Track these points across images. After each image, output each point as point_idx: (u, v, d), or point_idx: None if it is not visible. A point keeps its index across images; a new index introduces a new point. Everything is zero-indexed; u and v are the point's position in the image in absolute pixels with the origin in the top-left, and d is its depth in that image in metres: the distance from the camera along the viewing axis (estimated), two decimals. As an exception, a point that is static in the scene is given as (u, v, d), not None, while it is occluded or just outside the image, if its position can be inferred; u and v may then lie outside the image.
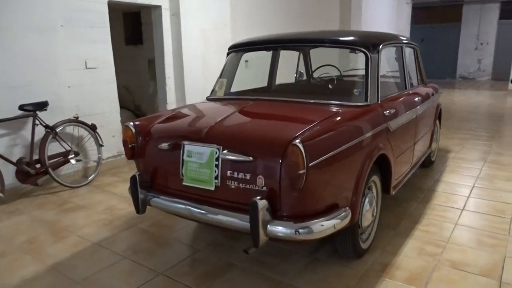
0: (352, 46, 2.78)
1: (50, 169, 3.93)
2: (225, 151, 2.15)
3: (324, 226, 2.03)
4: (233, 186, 2.15)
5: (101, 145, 4.46)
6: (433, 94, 4.17)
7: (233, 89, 3.31)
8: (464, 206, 3.52)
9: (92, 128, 4.37)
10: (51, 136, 3.97)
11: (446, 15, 16.73)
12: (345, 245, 2.49)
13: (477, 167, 4.64)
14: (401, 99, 3.16)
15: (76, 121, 4.24)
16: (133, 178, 2.45)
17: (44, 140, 3.92)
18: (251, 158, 2.07)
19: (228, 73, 3.26)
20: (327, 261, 2.68)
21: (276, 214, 2.06)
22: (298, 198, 2.02)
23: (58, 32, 4.17)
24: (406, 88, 3.38)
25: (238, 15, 6.38)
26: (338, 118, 2.32)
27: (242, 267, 2.61)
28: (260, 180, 2.06)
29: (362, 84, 2.64)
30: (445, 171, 4.51)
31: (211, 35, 5.71)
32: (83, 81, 4.47)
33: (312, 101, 2.70)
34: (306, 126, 2.15)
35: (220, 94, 3.10)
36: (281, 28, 7.52)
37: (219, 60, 5.87)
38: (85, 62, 4.45)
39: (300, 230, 2.01)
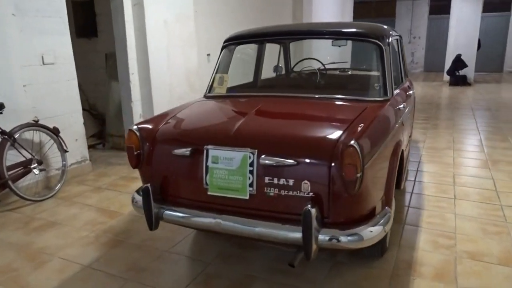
0: (366, 39, 2.66)
1: (10, 182, 3.38)
2: (263, 155, 1.92)
3: (374, 231, 1.89)
4: (272, 194, 1.93)
5: (66, 151, 3.95)
6: (411, 85, 4.24)
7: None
8: (455, 196, 3.61)
9: (55, 132, 3.84)
10: (8, 143, 3.41)
11: (382, 10, 17.58)
12: (374, 246, 2.38)
13: (449, 156, 4.83)
14: (402, 92, 3.13)
15: (36, 125, 3.69)
16: (145, 190, 2.12)
17: (1, 149, 3.35)
18: (295, 162, 1.87)
19: (225, 68, 2.99)
20: (349, 263, 2.56)
21: (322, 222, 1.88)
22: (349, 203, 1.86)
23: (9, 22, 3.58)
24: (402, 81, 3.36)
25: (199, 6, 6.03)
26: (372, 115, 2.19)
27: (265, 279, 2.41)
28: (306, 185, 1.87)
29: (379, 78, 2.54)
30: (423, 161, 4.64)
31: (174, 27, 5.32)
32: (40, 79, 3.90)
33: (330, 96, 2.54)
34: (346, 124, 2.00)
35: (221, 91, 2.83)
36: (243, 21, 7.29)
37: (183, 54, 5.52)
38: (42, 57, 3.88)
39: (349, 238, 1.86)
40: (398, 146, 2.39)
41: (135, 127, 2.28)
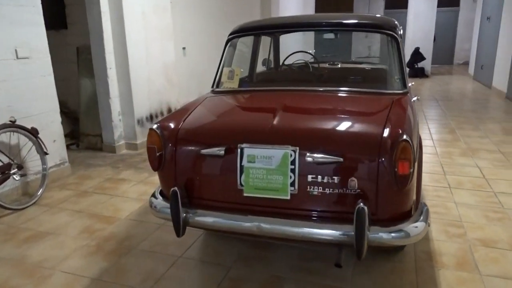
0: (383, 30, 2.62)
1: (-11, 190, 3.04)
2: (307, 153, 1.82)
3: (419, 227, 1.86)
4: (315, 193, 1.85)
5: (46, 153, 3.62)
6: None
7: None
8: (449, 185, 3.72)
9: (33, 133, 3.51)
10: (-15, 147, 3.06)
11: (339, 4, 17.91)
12: None
13: (431, 146, 5.00)
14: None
15: (13, 125, 3.34)
16: (173, 194, 1.95)
17: (-22, 154, 3.00)
18: (341, 158, 1.79)
19: (234, 61, 2.84)
20: (372, 258, 2.54)
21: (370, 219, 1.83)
22: (396, 199, 1.82)
23: (-22, 11, 3.21)
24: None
25: (174, -3, 5.77)
26: (402, 108, 2.16)
27: (293, 279, 2.33)
28: (353, 182, 1.80)
29: (397, 70, 2.52)
30: (409, 152, 4.75)
31: (151, 19, 5.05)
32: (15, 75, 3.54)
33: (352, 89, 2.48)
34: (383, 118, 1.95)
35: (233, 85, 2.68)
36: (216, 13, 7.10)
37: (161, 47, 5.26)
38: (16, 51, 3.52)
39: (396, 235, 1.82)
40: (420, 139, 2.39)
41: (155, 125, 2.10)
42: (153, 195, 2.26)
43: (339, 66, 3.71)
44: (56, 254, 2.65)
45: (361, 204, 1.71)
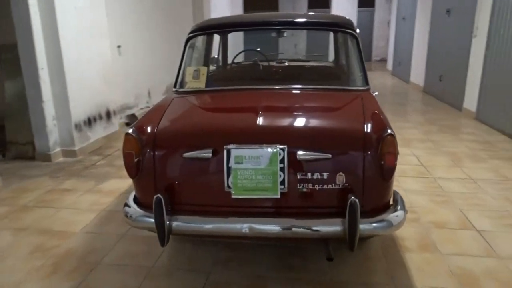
0: (344, 29, 2.71)
1: None
2: (298, 151, 1.83)
3: (399, 216, 1.97)
4: (305, 190, 1.87)
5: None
6: None
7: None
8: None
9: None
10: None
11: (265, 3, 18.24)
12: None
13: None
14: None
15: None
16: (157, 202, 1.83)
17: None
18: (329, 155, 1.83)
19: (197, 60, 2.75)
20: (341, 249, 2.60)
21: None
22: (380, 191, 1.91)
23: None
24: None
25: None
26: (373, 103, 2.27)
27: (276, 277, 2.33)
28: (341, 177, 1.85)
29: (359, 67, 2.63)
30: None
31: (85, 14, 4.69)
32: None
33: (320, 86, 2.53)
34: (361, 113, 2.03)
35: (199, 85, 2.57)
36: (152, 9, 6.81)
37: (97, 45, 4.92)
38: None
39: (380, 225, 1.91)
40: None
41: (131, 130, 1.95)
42: (126, 204, 2.11)
43: (286, 64, 3.78)
44: (8, 280, 2.35)
45: (353, 197, 1.77)
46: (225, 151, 1.87)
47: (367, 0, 17.05)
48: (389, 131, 1.84)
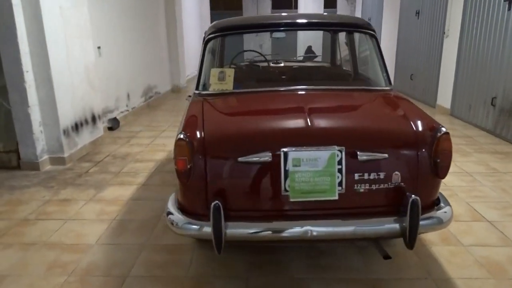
0: (364, 30, 2.74)
1: None
2: (354, 152, 1.83)
3: (447, 212, 2.02)
4: (362, 190, 1.88)
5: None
6: None
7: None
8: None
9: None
10: None
11: (229, 3, 18.17)
12: None
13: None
14: None
15: None
16: (216, 208, 1.76)
17: None
18: (386, 155, 1.85)
19: (220, 61, 2.68)
20: (367, 245, 2.66)
21: None
22: (432, 188, 1.96)
23: None
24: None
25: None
26: (407, 102, 2.32)
27: (313, 278, 2.33)
28: (396, 176, 1.88)
29: (382, 68, 2.68)
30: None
31: (70, 15, 4.43)
32: None
33: (349, 87, 2.57)
34: (404, 112, 2.07)
35: (226, 87, 2.50)
36: (130, 9, 6.58)
37: (81, 46, 4.67)
38: None
39: (430, 221, 1.95)
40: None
41: (182, 135, 1.86)
42: (169, 213, 2.01)
43: (308, 64, 3.78)
44: (29, 300, 2.18)
45: (413, 195, 1.80)
46: (282, 154, 1.84)
47: (329, 1, 17.48)
48: (444, 129, 1.89)
